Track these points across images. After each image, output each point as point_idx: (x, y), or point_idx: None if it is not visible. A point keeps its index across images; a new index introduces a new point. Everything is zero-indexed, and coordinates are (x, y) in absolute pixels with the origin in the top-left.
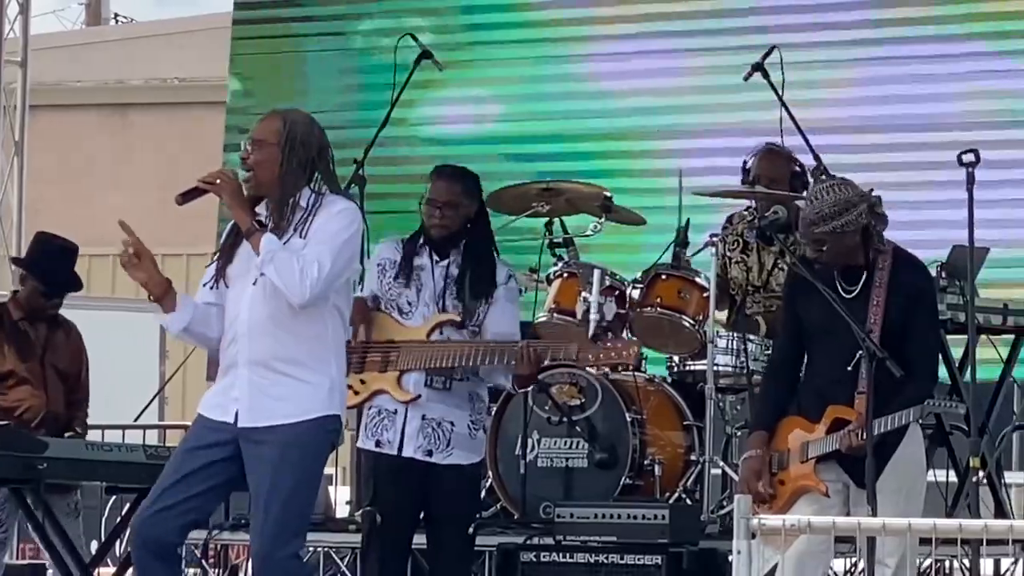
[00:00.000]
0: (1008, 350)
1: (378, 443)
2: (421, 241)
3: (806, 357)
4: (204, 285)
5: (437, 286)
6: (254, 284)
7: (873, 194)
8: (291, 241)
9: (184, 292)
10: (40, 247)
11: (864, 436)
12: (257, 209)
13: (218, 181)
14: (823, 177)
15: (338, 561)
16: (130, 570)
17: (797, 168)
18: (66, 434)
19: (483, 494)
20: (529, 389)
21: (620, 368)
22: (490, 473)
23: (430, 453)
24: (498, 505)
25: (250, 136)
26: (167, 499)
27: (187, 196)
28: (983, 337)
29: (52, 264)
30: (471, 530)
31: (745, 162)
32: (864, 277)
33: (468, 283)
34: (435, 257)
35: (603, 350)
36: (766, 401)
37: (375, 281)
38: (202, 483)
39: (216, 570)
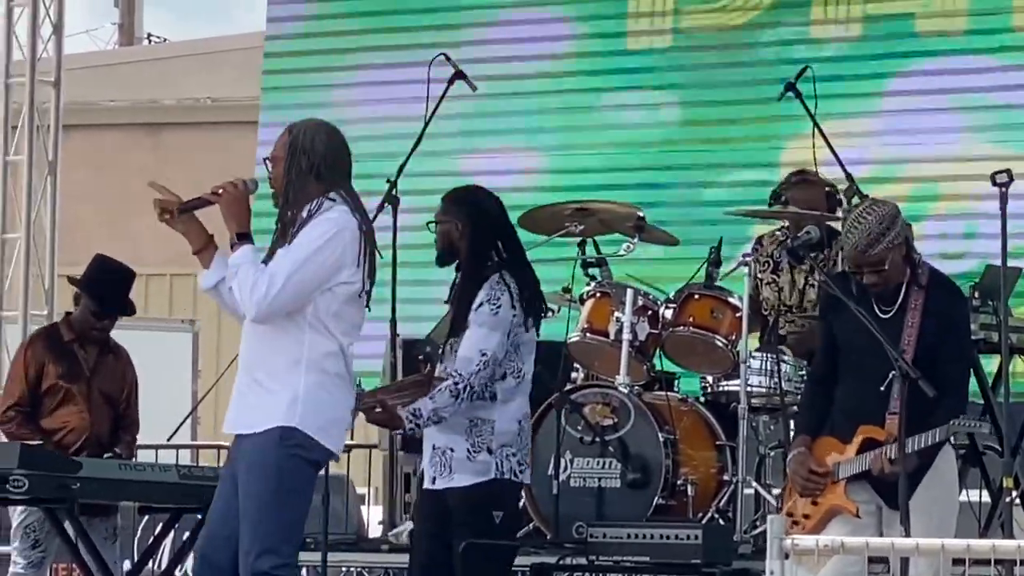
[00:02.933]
0: None
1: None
2: None
3: (839, 377)
4: None
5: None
6: None
7: None
8: (276, 253)
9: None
10: (97, 268)
11: (892, 456)
12: None
13: (219, 191)
14: (853, 205)
15: None
16: None
17: (829, 189)
18: (105, 455)
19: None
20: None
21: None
22: (523, 492)
23: (434, 480)
24: (531, 525)
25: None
26: (215, 526)
27: (187, 206)
28: (1016, 357)
29: (107, 286)
30: (461, 547)
31: (776, 190)
32: (901, 298)
33: (450, 321)
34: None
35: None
36: (809, 408)
37: None
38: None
39: None
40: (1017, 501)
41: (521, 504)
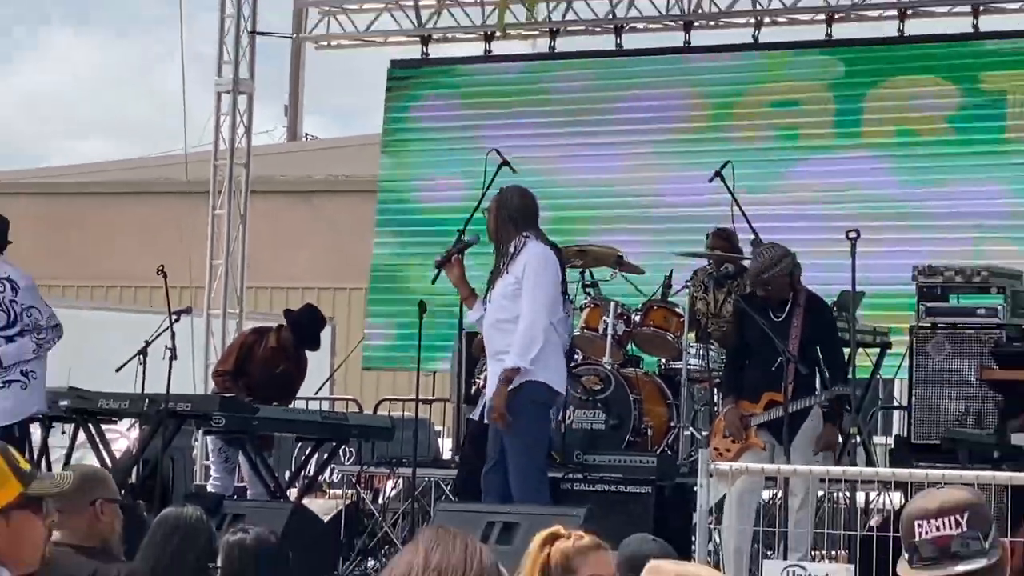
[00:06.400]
0: (876, 358)
1: None
2: None
3: (747, 360)
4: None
5: None
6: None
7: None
8: (500, 288)
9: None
10: (304, 314)
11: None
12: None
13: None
14: (761, 243)
15: (445, 490)
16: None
17: (734, 244)
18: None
19: None
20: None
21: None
22: None
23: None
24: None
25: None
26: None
27: (440, 264)
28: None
29: (307, 328)
30: None
31: (707, 235)
32: (788, 308)
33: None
34: None
35: None
36: (728, 381)
37: None
38: None
39: (366, 491)
40: (859, 443)
41: None
